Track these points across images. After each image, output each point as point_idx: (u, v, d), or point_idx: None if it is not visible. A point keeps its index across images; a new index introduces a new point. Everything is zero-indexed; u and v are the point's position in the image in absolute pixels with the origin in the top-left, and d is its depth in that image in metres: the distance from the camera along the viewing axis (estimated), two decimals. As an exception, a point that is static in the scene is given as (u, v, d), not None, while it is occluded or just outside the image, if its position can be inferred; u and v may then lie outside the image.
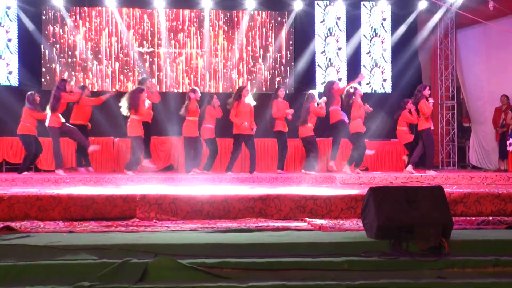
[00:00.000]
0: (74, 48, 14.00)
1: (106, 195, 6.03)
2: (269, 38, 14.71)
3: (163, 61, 14.26)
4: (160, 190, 6.96)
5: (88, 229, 5.10)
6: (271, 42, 14.70)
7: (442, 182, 9.36)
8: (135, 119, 10.26)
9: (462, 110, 15.31)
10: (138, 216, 5.92)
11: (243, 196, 6.12)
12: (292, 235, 4.67)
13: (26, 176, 9.48)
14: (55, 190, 6.91)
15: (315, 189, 7.57)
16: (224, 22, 14.53)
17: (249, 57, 14.62)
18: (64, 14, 13.83)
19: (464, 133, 15.06)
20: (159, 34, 14.25)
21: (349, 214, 6.09)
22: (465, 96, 14.73)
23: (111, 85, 13.98)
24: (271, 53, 14.66)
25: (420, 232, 4.11)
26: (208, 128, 11.05)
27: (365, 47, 14.97)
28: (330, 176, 9.81)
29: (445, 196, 4.44)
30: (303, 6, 14.43)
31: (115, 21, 14.09)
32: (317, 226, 5.22)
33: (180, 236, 4.61)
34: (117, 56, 14.12)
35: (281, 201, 6.09)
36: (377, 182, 9.50)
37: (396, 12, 14.76)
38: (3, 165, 12.12)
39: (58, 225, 5.49)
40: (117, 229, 5.09)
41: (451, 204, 6.01)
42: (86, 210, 5.92)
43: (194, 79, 14.35)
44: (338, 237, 4.43)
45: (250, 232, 4.85)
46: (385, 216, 4.21)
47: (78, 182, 9.03)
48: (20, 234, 4.67)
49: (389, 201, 4.30)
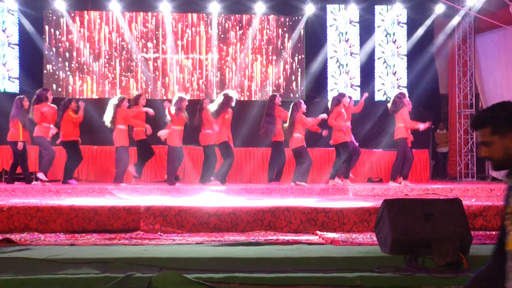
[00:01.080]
0: (76, 53, 14.09)
1: (109, 207, 6.05)
2: (278, 44, 14.74)
3: (168, 66, 14.33)
4: (165, 201, 6.97)
5: (90, 242, 5.12)
6: (281, 48, 14.72)
7: (460, 195, 9.31)
8: (121, 129, 10.39)
9: (481, 119, 15.23)
10: (142, 228, 5.93)
11: (251, 208, 6.12)
12: (302, 249, 4.67)
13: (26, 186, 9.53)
14: (56, 201, 6.94)
15: (326, 201, 7.55)
16: (232, 27, 14.58)
17: (258, 64, 14.65)
18: (66, 18, 13.93)
19: (483, 143, 14.97)
20: (164, 39, 14.31)
21: (362, 228, 6.08)
22: (484, 104, 14.68)
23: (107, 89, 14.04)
24: (281, 60, 14.68)
25: (437, 247, 4.09)
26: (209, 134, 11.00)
27: (379, 53, 14.96)
28: (343, 187, 9.79)
29: (463, 209, 4.42)
30: (315, 10, 14.44)
31: (119, 26, 14.18)
32: (328, 240, 5.21)
33: (186, 249, 4.61)
34: (121, 61, 14.19)
35: (291, 214, 6.08)
36: (391, 194, 9.47)
37: (411, 16, 14.75)
38: (3, 174, 12.18)
39: (59, 237, 5.50)
40: (121, 242, 5.10)
41: (470, 218, 5.98)
42: (88, 222, 5.94)
43: (202, 86, 14.39)
44: (350, 252, 4.42)
45: (259, 245, 4.85)
46: (400, 230, 4.20)
47: (80, 193, 9.06)
48: (19, 246, 4.69)
49: (404, 214, 4.29)
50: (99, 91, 14.08)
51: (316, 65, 14.59)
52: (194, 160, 12.19)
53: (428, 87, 14.20)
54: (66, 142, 10.71)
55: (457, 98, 14.73)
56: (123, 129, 10.45)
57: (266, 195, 9.27)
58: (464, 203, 4.67)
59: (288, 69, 14.74)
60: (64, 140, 10.71)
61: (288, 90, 14.55)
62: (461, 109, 14.70)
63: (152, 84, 14.23)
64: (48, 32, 14.00)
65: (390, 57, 14.95)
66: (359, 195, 9.46)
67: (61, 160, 11.65)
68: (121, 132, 10.43)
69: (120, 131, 10.42)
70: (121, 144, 10.43)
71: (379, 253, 4.35)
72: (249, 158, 12.40)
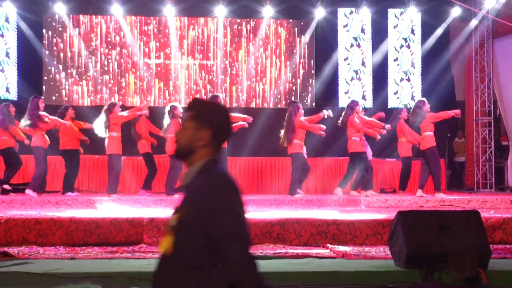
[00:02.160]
0: (77, 59, 14.15)
1: (111, 219, 6.06)
2: (287, 49, 14.75)
3: (172, 72, 14.36)
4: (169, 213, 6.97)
5: (91, 256, 5.13)
6: (289, 53, 14.74)
7: (478, 206, 9.27)
8: (114, 136, 10.40)
9: (500, 127, 15.21)
10: (146, 241, 5.93)
11: (259, 220, 6.12)
12: (313, 263, 4.66)
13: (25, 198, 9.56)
14: (56, 213, 6.95)
15: (338, 213, 7.54)
16: (239, 31, 14.61)
17: (266, 70, 14.67)
18: (67, 22, 14.01)
19: (502, 152, 14.94)
20: (168, 43, 14.36)
21: (375, 241, 6.06)
22: (502, 111, 14.64)
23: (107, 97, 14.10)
24: (290, 65, 14.69)
25: (454, 261, 4.08)
26: None
27: (392, 58, 14.95)
28: (354, 198, 9.77)
29: (481, 222, 4.41)
30: (325, 14, 14.43)
31: (121, 30, 14.24)
32: (340, 254, 5.20)
33: (191, 263, 4.60)
34: (123, 66, 14.24)
35: (301, 226, 6.08)
36: (406, 206, 9.45)
37: (426, 20, 14.72)
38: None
39: (58, 251, 5.52)
40: (123, 256, 5.11)
41: (489, 231, 5.95)
42: (89, 234, 5.94)
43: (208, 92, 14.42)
44: (363, 266, 4.41)
45: (267, 259, 4.85)
46: (415, 244, 4.19)
47: (80, 204, 9.08)
48: (18, 260, 4.70)
49: (419, 227, 4.28)
50: (99, 97, 14.12)
51: (326, 71, 14.58)
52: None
53: (444, 93, 14.15)
54: (63, 151, 10.76)
55: (474, 105, 14.69)
56: (116, 136, 10.41)
57: (274, 206, 9.27)
58: (482, 215, 4.66)
59: (297, 75, 14.75)
60: (62, 149, 10.76)
61: (298, 97, 14.54)
62: (479, 117, 14.65)
63: (156, 90, 14.27)
64: (48, 37, 14.07)
65: (404, 62, 14.93)
66: (372, 206, 9.44)
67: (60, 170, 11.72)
68: (114, 140, 10.39)
69: (112, 139, 10.38)
70: (114, 152, 10.39)
71: (393, 267, 4.34)
72: (256, 168, 12.40)
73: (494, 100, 14.75)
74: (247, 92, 14.50)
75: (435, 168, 10.82)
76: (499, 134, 15.14)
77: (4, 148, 10.45)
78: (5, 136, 10.42)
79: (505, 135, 14.79)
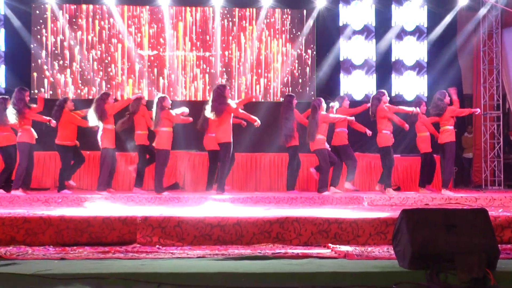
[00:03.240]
0: (67, 49, 14.13)
1: (103, 217, 6.06)
2: (287, 40, 14.74)
3: (167, 64, 14.35)
4: (164, 211, 6.98)
5: (82, 256, 5.13)
6: (289, 44, 14.73)
7: (486, 204, 9.28)
8: (108, 129, 10.25)
9: (509, 122, 15.21)
10: (139, 241, 5.93)
11: (258, 218, 6.12)
12: (313, 263, 4.66)
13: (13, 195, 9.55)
14: (45, 211, 6.95)
15: (339, 211, 7.54)
16: (236, 21, 14.59)
17: (264, 61, 14.66)
18: (56, 12, 13.99)
19: (511, 147, 14.94)
20: (163, 34, 14.34)
21: (379, 240, 6.07)
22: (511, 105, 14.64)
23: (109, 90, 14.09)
24: (289, 57, 14.69)
25: (461, 261, 4.08)
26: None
27: (397, 49, 14.95)
28: (357, 196, 9.77)
29: (489, 221, 4.41)
30: (327, 3, 14.44)
31: (113, 20, 14.22)
32: (342, 254, 5.21)
33: (187, 264, 4.62)
34: (116, 58, 14.24)
35: (301, 225, 6.08)
36: (410, 204, 9.45)
37: (433, 9, 14.71)
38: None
39: (48, 251, 5.52)
40: (115, 256, 5.11)
41: (497, 230, 5.95)
42: (80, 234, 5.94)
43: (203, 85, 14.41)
44: (366, 266, 4.42)
45: (266, 259, 4.85)
46: (420, 243, 4.19)
47: (71, 202, 9.07)
48: (5, 261, 4.70)
49: (424, 226, 4.28)
50: (88, 89, 14.11)
51: (327, 62, 14.59)
52: (196, 166, 12.20)
53: (451, 86, 14.06)
54: (60, 146, 10.66)
55: (482, 99, 14.68)
56: (110, 129, 10.26)
57: (273, 204, 9.27)
58: (490, 213, 4.66)
59: (297, 66, 14.74)
60: (57, 143, 10.67)
61: (298, 89, 14.54)
62: (487, 111, 14.64)
63: (149, 83, 14.27)
64: (36, 27, 14.06)
65: (409, 53, 14.92)
66: (375, 204, 9.44)
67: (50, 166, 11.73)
68: (108, 132, 10.20)
69: (106, 131, 10.19)
70: (107, 145, 10.22)
71: (397, 268, 4.34)
72: (255, 165, 12.39)
73: (503, 94, 14.73)
74: (245, 85, 14.49)
75: (450, 164, 10.83)
76: (508, 129, 15.14)
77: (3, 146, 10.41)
78: (6, 132, 10.35)
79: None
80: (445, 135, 10.75)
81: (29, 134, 10.19)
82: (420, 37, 14.91)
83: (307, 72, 14.76)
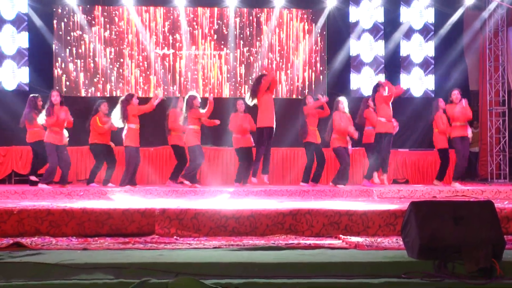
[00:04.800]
0: (88, 50, 14.20)
1: (123, 209, 6.08)
2: (299, 39, 14.73)
3: (184, 63, 14.37)
4: (181, 204, 6.99)
5: (103, 246, 5.15)
6: (301, 42, 14.71)
7: (492, 197, 9.23)
8: (132, 128, 10.35)
9: (514, 117, 15.12)
10: (158, 232, 5.95)
11: (271, 210, 6.12)
12: (325, 253, 4.65)
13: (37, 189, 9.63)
14: (68, 203, 6.99)
15: (350, 203, 7.53)
16: (250, 21, 14.59)
17: (277, 59, 14.65)
18: (77, 13, 14.05)
19: (516, 142, 14.87)
20: (179, 34, 14.36)
21: (388, 232, 6.04)
22: (516, 100, 14.56)
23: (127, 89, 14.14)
24: (301, 55, 14.67)
25: (468, 252, 4.05)
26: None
27: (405, 47, 14.88)
28: (367, 189, 9.76)
29: (496, 213, 4.38)
30: (337, 3, 14.41)
31: (131, 21, 14.26)
32: (352, 244, 5.19)
33: (203, 254, 4.62)
34: (134, 58, 14.28)
35: (313, 217, 6.07)
36: (418, 196, 9.42)
37: (439, 8, 14.65)
38: (12, 176, 12.31)
39: (71, 241, 5.54)
40: (135, 246, 5.12)
41: (503, 221, 5.92)
42: (101, 225, 5.96)
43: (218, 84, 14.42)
44: (376, 257, 4.40)
45: (279, 250, 4.84)
46: (428, 235, 4.17)
47: (92, 195, 9.13)
48: (30, 251, 4.72)
49: (433, 218, 4.25)
50: (109, 89, 14.16)
51: (338, 60, 14.56)
52: (211, 161, 12.23)
53: (458, 83, 14.05)
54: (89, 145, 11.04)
55: (488, 95, 14.61)
56: (134, 128, 10.36)
57: (286, 197, 9.27)
58: (496, 205, 4.62)
59: (308, 65, 14.71)
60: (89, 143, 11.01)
61: (309, 87, 14.52)
62: (493, 107, 14.57)
63: (167, 81, 14.29)
64: (58, 28, 14.12)
65: (416, 51, 14.86)
66: (384, 197, 9.42)
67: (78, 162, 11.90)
68: (131, 131, 10.33)
69: (130, 130, 10.32)
70: (130, 144, 10.34)
71: (406, 258, 4.32)
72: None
73: (509, 90, 14.64)
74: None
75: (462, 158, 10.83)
76: (513, 124, 15.05)
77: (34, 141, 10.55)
78: (36, 128, 10.50)
79: (519, 124, 14.72)
80: (457, 131, 10.80)
81: (55, 135, 10.22)
82: (427, 35, 14.84)
83: (318, 69, 14.72)
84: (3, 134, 12.83)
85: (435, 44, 14.80)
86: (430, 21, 14.86)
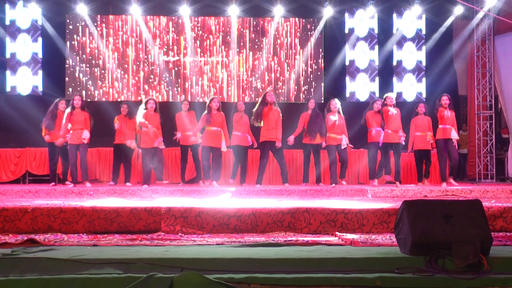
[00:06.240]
0: (98, 57, 14.22)
1: (131, 208, 6.08)
2: (297, 46, 14.74)
3: (188, 70, 14.39)
4: (185, 202, 6.99)
5: (112, 243, 5.15)
6: (299, 50, 14.72)
7: (480, 196, 9.23)
8: (144, 131, 10.50)
9: (500, 120, 15.11)
10: (163, 229, 5.95)
11: (271, 209, 6.12)
12: (322, 250, 4.65)
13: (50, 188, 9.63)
14: (79, 202, 6.99)
15: (346, 202, 7.53)
16: (251, 29, 14.61)
17: (277, 66, 14.66)
18: (88, 22, 14.07)
19: (502, 144, 14.85)
20: (184, 42, 14.38)
21: (382, 229, 6.05)
22: (503, 105, 14.54)
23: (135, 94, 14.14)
24: (300, 61, 14.68)
25: (457, 249, 4.05)
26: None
27: (398, 54, 14.89)
28: (362, 189, 9.76)
29: (483, 211, 4.38)
30: (333, 13, 14.43)
31: (139, 29, 14.28)
32: (348, 241, 5.19)
33: (207, 250, 4.62)
34: (142, 65, 14.29)
35: (311, 215, 6.07)
36: (410, 196, 9.42)
37: (430, 18, 14.67)
38: (26, 176, 12.32)
39: (82, 238, 5.55)
40: (142, 243, 5.12)
41: (490, 219, 5.92)
42: (110, 223, 5.97)
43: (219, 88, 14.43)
44: (370, 253, 4.40)
45: (278, 246, 4.84)
46: (420, 232, 4.17)
47: (102, 194, 9.13)
48: (44, 247, 4.73)
49: (424, 216, 4.25)
50: (118, 94, 14.17)
51: (334, 67, 14.57)
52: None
53: (447, 88, 14.09)
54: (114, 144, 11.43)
55: (476, 100, 14.60)
56: (146, 132, 10.47)
57: (285, 196, 9.27)
58: (484, 204, 4.62)
59: (306, 71, 14.72)
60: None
61: (307, 93, 14.52)
62: (480, 111, 14.57)
63: (173, 87, 14.31)
64: (70, 37, 14.14)
65: (409, 58, 14.86)
66: (378, 196, 9.42)
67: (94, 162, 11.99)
68: (144, 134, 10.56)
69: (144, 133, 10.58)
70: (144, 146, 10.60)
71: (398, 254, 4.32)
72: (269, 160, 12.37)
73: (495, 95, 14.66)
74: (260, 87, 14.48)
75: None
76: (500, 127, 15.04)
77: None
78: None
79: (506, 128, 14.69)
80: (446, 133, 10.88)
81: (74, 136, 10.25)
82: (419, 43, 14.85)
83: (315, 75, 14.73)
84: (18, 137, 12.84)
85: (426, 51, 14.81)
86: (421, 29, 14.86)
